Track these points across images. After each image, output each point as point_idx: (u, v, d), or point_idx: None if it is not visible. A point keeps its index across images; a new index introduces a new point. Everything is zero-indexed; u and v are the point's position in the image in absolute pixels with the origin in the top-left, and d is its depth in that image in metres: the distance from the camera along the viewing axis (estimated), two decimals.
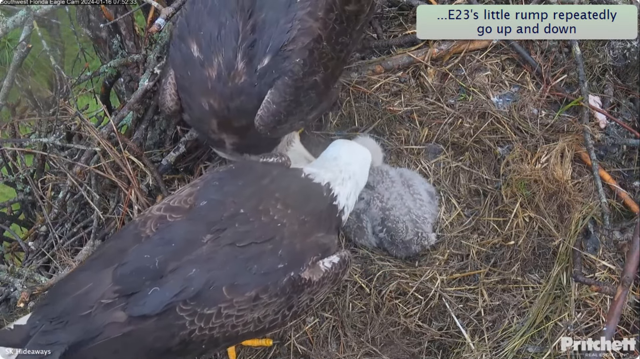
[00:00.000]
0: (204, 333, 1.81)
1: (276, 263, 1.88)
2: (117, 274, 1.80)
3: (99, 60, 3.29)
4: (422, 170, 2.84)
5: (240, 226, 1.90)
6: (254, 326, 1.89)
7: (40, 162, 3.00)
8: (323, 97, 2.32)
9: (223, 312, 1.81)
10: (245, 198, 1.98)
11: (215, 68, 2.11)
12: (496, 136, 2.77)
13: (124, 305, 1.76)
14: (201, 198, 1.97)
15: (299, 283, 1.91)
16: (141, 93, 2.67)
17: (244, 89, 2.10)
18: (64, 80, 2.78)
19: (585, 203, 2.61)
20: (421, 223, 2.64)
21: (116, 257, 1.86)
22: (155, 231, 1.90)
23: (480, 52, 2.90)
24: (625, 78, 2.87)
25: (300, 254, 1.94)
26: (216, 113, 2.15)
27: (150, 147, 2.89)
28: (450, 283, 2.65)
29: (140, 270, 1.80)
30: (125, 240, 1.93)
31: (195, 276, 1.79)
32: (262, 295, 1.85)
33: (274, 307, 1.89)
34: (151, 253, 1.83)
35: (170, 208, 1.96)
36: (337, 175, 2.23)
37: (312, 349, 2.56)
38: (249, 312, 1.85)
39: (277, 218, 1.95)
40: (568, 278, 2.51)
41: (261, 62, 2.09)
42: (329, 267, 2.00)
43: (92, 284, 1.80)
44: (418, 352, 2.57)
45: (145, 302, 1.76)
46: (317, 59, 2.15)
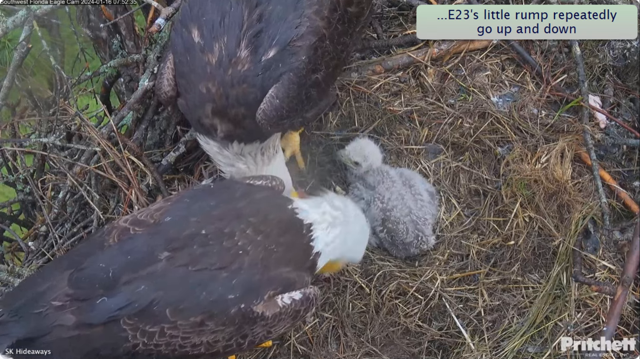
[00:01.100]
0: (150, 349, 1.80)
1: (227, 293, 1.81)
2: (72, 278, 1.83)
3: (99, 60, 3.29)
4: (422, 170, 2.84)
5: (198, 248, 1.85)
6: (205, 348, 1.85)
7: (40, 162, 2.99)
8: (322, 95, 2.32)
9: (167, 332, 1.78)
10: (211, 219, 1.92)
11: (216, 54, 2.10)
12: (496, 136, 2.77)
13: (74, 309, 1.79)
14: (167, 214, 1.94)
15: (250, 316, 1.84)
16: (141, 93, 2.67)
17: (246, 78, 2.10)
18: (64, 80, 2.78)
19: (585, 203, 2.61)
20: (422, 225, 2.64)
21: (76, 261, 1.89)
22: (116, 241, 1.90)
23: (480, 52, 2.90)
24: (625, 78, 2.87)
25: (257, 286, 1.86)
26: (213, 98, 2.13)
27: (150, 147, 2.89)
28: (450, 283, 2.65)
29: (94, 278, 1.82)
30: (92, 245, 1.95)
31: (143, 293, 1.78)
32: (208, 321, 1.80)
33: (223, 334, 1.84)
34: (107, 263, 1.84)
35: (137, 221, 1.94)
36: (326, 221, 2.10)
37: (312, 349, 2.56)
38: (196, 336, 1.81)
39: (241, 244, 1.88)
40: (568, 278, 2.51)
41: (267, 53, 2.09)
42: (287, 303, 1.90)
43: (50, 283, 1.84)
44: (418, 352, 2.57)
45: (93, 310, 1.78)
46: (320, 58, 2.16)
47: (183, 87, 2.22)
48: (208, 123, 2.21)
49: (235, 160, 2.35)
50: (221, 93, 2.12)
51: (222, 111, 2.16)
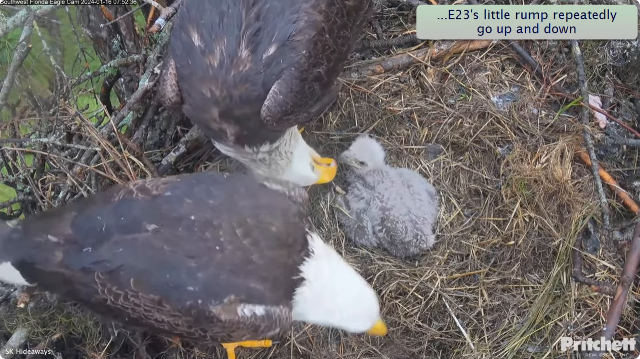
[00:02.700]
0: (118, 307, 1.86)
1: (188, 283, 1.81)
2: (74, 221, 1.95)
3: (99, 60, 3.29)
4: (422, 170, 2.84)
5: (181, 231, 1.86)
6: (169, 326, 1.88)
7: (40, 162, 2.99)
8: (326, 90, 2.31)
9: (130, 299, 1.84)
10: (204, 207, 1.91)
11: (217, 56, 2.10)
12: (496, 136, 2.77)
13: (64, 248, 1.91)
14: (170, 189, 1.98)
15: (206, 314, 1.82)
16: (141, 93, 2.67)
17: (248, 77, 2.09)
18: (64, 80, 2.78)
19: (585, 203, 2.61)
20: (420, 224, 2.64)
21: (85, 205, 2.07)
22: (119, 201, 1.98)
23: (480, 52, 2.90)
24: (625, 78, 2.87)
25: (220, 287, 1.83)
26: (218, 101, 2.13)
27: (150, 147, 2.89)
28: (450, 283, 2.65)
29: (89, 227, 1.92)
30: (103, 196, 2.09)
31: (118, 255, 1.85)
32: (165, 304, 1.82)
33: (182, 321, 1.85)
34: (103, 217, 1.92)
35: (143, 188, 1.99)
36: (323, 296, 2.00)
37: (312, 349, 2.56)
38: (156, 313, 1.85)
39: (222, 241, 1.84)
40: (568, 278, 2.51)
41: (267, 50, 2.09)
42: (247, 315, 1.84)
43: (62, 216, 1.98)
44: (418, 352, 2.57)
45: (75, 255, 1.89)
46: (321, 51, 2.16)
47: (186, 91, 2.21)
48: (217, 127, 2.21)
49: (253, 165, 2.38)
50: (225, 95, 2.11)
51: (228, 113, 2.16)
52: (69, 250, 1.91)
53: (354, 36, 2.41)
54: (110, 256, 1.85)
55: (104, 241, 1.87)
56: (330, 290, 2.01)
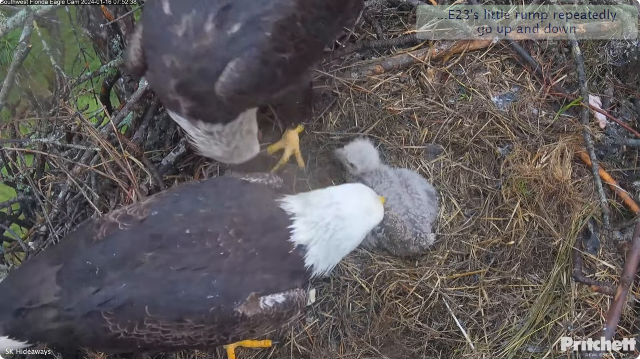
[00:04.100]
0: (132, 338, 1.83)
1: (206, 293, 1.82)
2: (61, 274, 1.88)
3: (99, 60, 3.28)
4: (422, 170, 2.84)
5: (180, 248, 1.86)
6: (187, 341, 1.88)
7: (40, 162, 2.99)
8: (292, 78, 2.27)
9: (146, 325, 1.82)
10: (196, 218, 1.91)
11: (182, 26, 2.06)
12: (496, 136, 2.77)
13: (57, 302, 1.85)
14: (155, 208, 1.95)
15: (230, 316, 1.84)
16: (141, 93, 2.67)
17: (209, 51, 2.05)
18: (64, 80, 2.77)
19: (585, 203, 2.61)
20: (419, 223, 2.64)
21: (64, 255, 1.95)
22: (104, 237, 1.92)
23: (480, 52, 2.90)
24: (625, 78, 2.87)
25: (238, 287, 1.86)
26: (177, 72, 2.08)
27: (150, 147, 2.89)
28: (450, 283, 2.65)
29: (81, 275, 1.86)
30: (81, 238, 1.98)
31: (123, 291, 1.82)
32: (186, 319, 1.82)
33: (204, 331, 1.86)
34: (93, 260, 1.87)
35: (125, 216, 1.95)
36: (318, 218, 1.99)
37: (312, 349, 2.56)
38: (175, 331, 1.84)
39: (223, 246, 1.87)
40: (568, 278, 2.51)
41: (232, 27, 2.04)
42: (269, 306, 1.88)
43: (41, 277, 1.90)
44: (418, 352, 2.57)
45: (74, 305, 1.84)
46: (289, 38, 2.11)
47: (150, 58, 2.17)
48: (172, 98, 2.16)
49: (204, 140, 2.31)
50: (184, 67, 2.07)
51: (186, 86, 2.11)
52: (63, 302, 1.85)
53: (334, 31, 2.37)
54: (115, 294, 1.82)
55: (102, 283, 1.83)
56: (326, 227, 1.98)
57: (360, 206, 2.08)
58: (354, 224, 2.05)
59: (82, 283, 1.84)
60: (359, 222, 2.08)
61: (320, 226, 1.97)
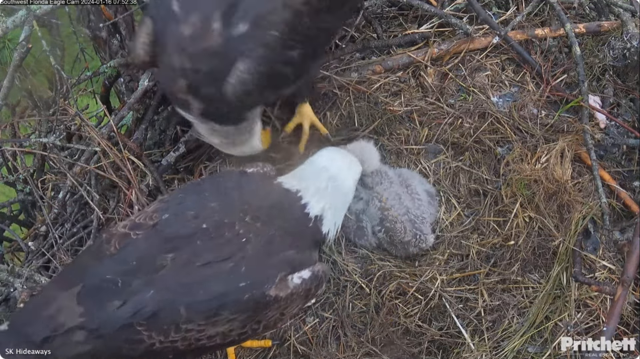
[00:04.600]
0: (166, 346, 1.81)
1: (237, 282, 1.83)
2: (80, 295, 1.81)
3: (99, 60, 3.29)
4: (422, 170, 2.84)
5: (201, 243, 1.86)
6: (220, 338, 1.86)
7: (40, 162, 3.00)
8: (300, 74, 2.26)
9: (182, 327, 1.80)
10: (209, 212, 1.92)
11: (190, 25, 2.04)
12: (496, 136, 2.77)
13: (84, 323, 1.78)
14: (164, 212, 1.93)
15: (264, 300, 1.85)
16: (141, 93, 2.67)
17: (217, 53, 2.04)
18: (64, 80, 2.78)
19: (585, 203, 2.61)
20: (419, 223, 2.64)
21: (79, 276, 1.87)
22: (118, 249, 1.88)
23: (480, 52, 2.89)
24: (625, 78, 2.87)
25: (266, 270, 1.88)
26: (185, 73, 2.08)
27: (150, 147, 2.90)
28: (450, 283, 2.65)
29: (103, 291, 1.81)
30: (92, 257, 1.94)
31: (152, 297, 1.79)
32: (222, 311, 1.81)
33: (237, 323, 1.85)
34: (113, 273, 1.83)
35: (135, 225, 1.93)
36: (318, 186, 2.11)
37: (312, 349, 2.56)
38: (211, 327, 1.82)
39: (242, 233, 1.88)
40: (568, 278, 2.51)
41: (239, 27, 2.02)
42: (298, 283, 1.92)
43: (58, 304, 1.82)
44: (418, 352, 2.57)
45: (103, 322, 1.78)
46: (297, 35, 2.09)
47: (159, 56, 2.16)
48: (182, 98, 2.17)
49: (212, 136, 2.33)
50: (193, 69, 2.07)
51: (196, 87, 2.11)
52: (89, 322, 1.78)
53: (338, 23, 2.35)
54: (145, 303, 1.78)
55: (127, 294, 1.79)
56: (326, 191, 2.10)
57: (343, 162, 2.25)
58: (345, 179, 2.21)
59: (105, 299, 1.79)
60: (348, 175, 2.24)
61: (323, 193, 2.08)
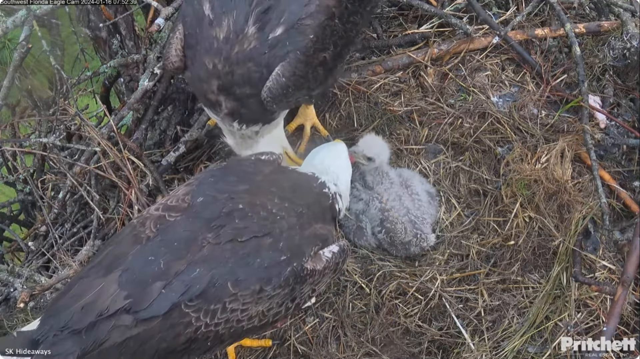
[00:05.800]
0: (210, 329, 1.83)
1: (278, 256, 1.89)
2: (122, 280, 1.79)
3: (99, 60, 3.29)
4: (422, 170, 2.84)
5: (239, 222, 1.91)
6: (258, 319, 1.91)
7: (40, 162, 3.00)
8: (329, 74, 2.31)
9: (228, 306, 1.82)
10: (241, 194, 1.99)
11: (224, 29, 2.09)
12: (496, 136, 2.77)
13: (130, 308, 1.75)
14: (197, 195, 1.97)
15: (302, 274, 1.93)
16: (141, 93, 2.67)
17: (252, 56, 2.09)
18: (64, 80, 2.78)
19: (585, 203, 2.61)
20: (420, 224, 2.64)
21: (116, 262, 1.85)
22: (155, 231, 1.89)
23: (480, 52, 2.90)
24: (625, 78, 2.87)
25: (301, 245, 1.96)
26: (219, 75, 2.13)
27: (150, 147, 2.90)
28: (450, 283, 2.65)
29: (146, 273, 1.79)
30: (125, 243, 1.91)
31: (200, 275, 1.80)
32: (266, 287, 1.86)
33: (277, 299, 1.91)
34: (155, 255, 1.83)
35: (168, 207, 1.95)
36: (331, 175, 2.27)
37: (312, 349, 2.56)
38: (254, 305, 1.86)
39: (276, 211, 1.97)
40: (568, 278, 2.51)
41: (274, 31, 2.08)
42: (329, 257, 2.02)
43: (96, 291, 1.78)
44: (418, 352, 2.56)
45: (152, 304, 1.76)
46: (329, 36, 2.15)
47: (190, 59, 2.21)
48: (213, 99, 2.21)
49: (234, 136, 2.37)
50: (227, 71, 2.11)
51: (228, 88, 2.16)
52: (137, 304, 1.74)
53: (363, 22, 2.40)
54: (193, 281, 1.78)
55: (169, 276, 1.78)
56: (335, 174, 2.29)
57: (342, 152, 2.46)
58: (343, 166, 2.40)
59: (149, 281, 1.78)
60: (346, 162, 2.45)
61: (334, 175, 2.27)
